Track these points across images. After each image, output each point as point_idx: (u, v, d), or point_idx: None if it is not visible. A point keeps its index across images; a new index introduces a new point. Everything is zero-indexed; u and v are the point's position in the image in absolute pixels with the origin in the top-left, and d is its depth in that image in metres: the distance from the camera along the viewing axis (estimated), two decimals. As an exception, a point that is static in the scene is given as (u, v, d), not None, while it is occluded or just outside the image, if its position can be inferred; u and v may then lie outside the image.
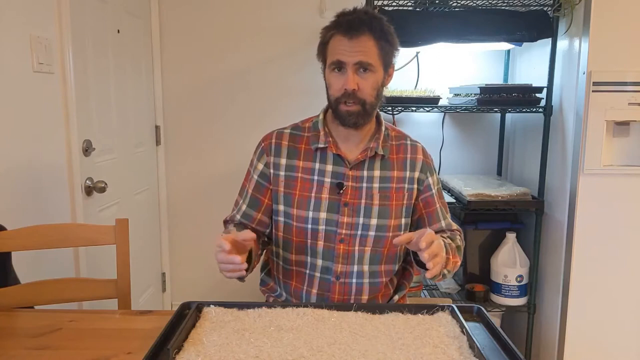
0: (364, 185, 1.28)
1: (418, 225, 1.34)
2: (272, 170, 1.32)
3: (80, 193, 1.80)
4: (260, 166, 1.33)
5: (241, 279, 1.14)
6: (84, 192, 1.83)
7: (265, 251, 1.40)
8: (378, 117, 1.34)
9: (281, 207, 1.30)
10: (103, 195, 1.94)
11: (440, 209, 1.35)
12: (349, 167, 1.28)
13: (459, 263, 1.29)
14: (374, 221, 1.28)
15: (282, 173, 1.31)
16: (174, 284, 2.69)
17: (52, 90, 1.67)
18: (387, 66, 1.25)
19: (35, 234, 1.38)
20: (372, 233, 1.28)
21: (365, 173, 1.29)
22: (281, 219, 1.31)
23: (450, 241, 1.28)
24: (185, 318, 1.02)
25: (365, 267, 1.29)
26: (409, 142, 1.36)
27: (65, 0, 1.68)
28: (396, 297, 1.37)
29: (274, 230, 1.34)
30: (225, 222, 1.38)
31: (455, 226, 1.37)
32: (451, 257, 1.23)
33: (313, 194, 1.28)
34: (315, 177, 1.29)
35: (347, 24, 1.19)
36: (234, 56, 2.51)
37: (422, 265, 1.13)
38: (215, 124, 2.56)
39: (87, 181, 1.86)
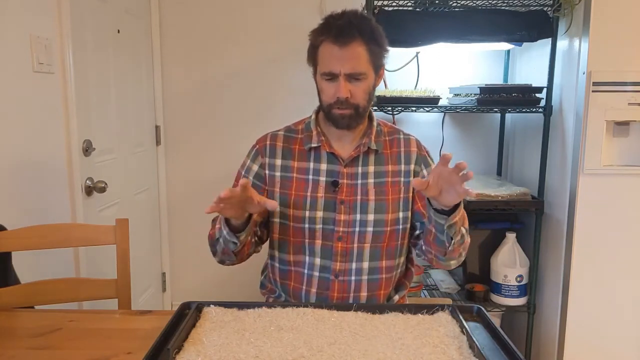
0: (359, 181, 1.29)
1: (414, 218, 1.33)
2: (267, 172, 1.32)
3: (80, 193, 1.80)
4: (255, 167, 1.33)
5: (235, 244, 1.20)
6: (84, 192, 1.83)
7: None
8: (370, 114, 1.34)
9: (277, 208, 1.30)
10: (103, 195, 1.94)
11: None
12: (343, 165, 1.29)
13: (468, 242, 1.26)
14: (371, 217, 1.28)
15: (277, 174, 1.31)
16: (174, 284, 2.69)
17: (52, 90, 1.68)
18: (378, 69, 1.25)
19: (35, 234, 1.39)
20: (370, 229, 1.28)
21: (359, 169, 1.29)
22: (277, 220, 1.31)
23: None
24: (185, 318, 1.02)
25: (365, 264, 1.29)
26: (402, 135, 1.36)
27: (65, 0, 1.68)
28: (396, 297, 1.37)
29: (270, 233, 1.34)
30: (214, 221, 1.36)
31: None
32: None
33: (309, 194, 1.28)
34: (310, 177, 1.29)
35: (337, 30, 1.18)
36: (234, 56, 2.51)
37: (443, 212, 1.13)
38: (215, 124, 2.56)
39: (87, 181, 1.86)
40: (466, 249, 1.27)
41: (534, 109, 2.05)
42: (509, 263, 2.10)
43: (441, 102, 2.14)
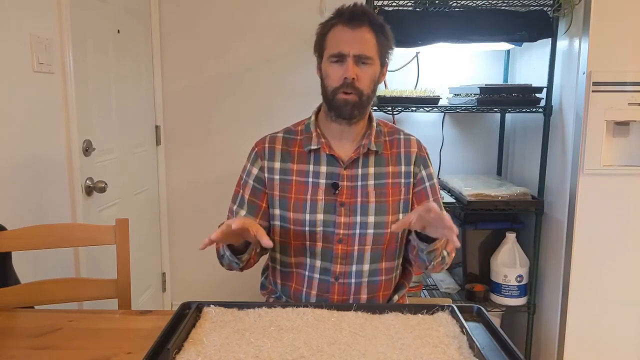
0: (359, 183, 1.28)
1: None
2: (266, 174, 1.31)
3: (80, 193, 1.80)
4: (255, 170, 1.33)
5: (237, 264, 1.23)
6: (84, 192, 1.83)
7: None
8: (370, 115, 1.34)
9: (277, 211, 1.30)
10: (103, 195, 1.94)
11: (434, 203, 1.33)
12: (343, 167, 1.28)
13: (453, 255, 1.29)
14: (371, 219, 1.27)
15: (276, 177, 1.31)
16: (174, 284, 2.69)
17: (52, 90, 1.67)
18: (383, 62, 1.27)
19: (35, 234, 1.39)
20: (370, 231, 1.27)
21: (359, 171, 1.29)
22: (277, 222, 1.31)
23: None
24: (185, 318, 1.02)
25: (366, 266, 1.28)
26: (402, 136, 1.35)
27: (65, 0, 1.68)
28: (396, 297, 1.37)
29: (270, 236, 1.34)
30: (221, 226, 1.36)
31: None
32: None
33: (309, 196, 1.28)
34: (310, 179, 1.29)
35: (349, 14, 1.22)
36: (234, 56, 2.51)
37: (425, 240, 1.15)
38: (215, 124, 2.56)
39: (87, 181, 1.86)
40: (449, 264, 1.30)
41: (534, 109, 2.06)
42: (509, 263, 2.10)
43: (441, 102, 2.15)
